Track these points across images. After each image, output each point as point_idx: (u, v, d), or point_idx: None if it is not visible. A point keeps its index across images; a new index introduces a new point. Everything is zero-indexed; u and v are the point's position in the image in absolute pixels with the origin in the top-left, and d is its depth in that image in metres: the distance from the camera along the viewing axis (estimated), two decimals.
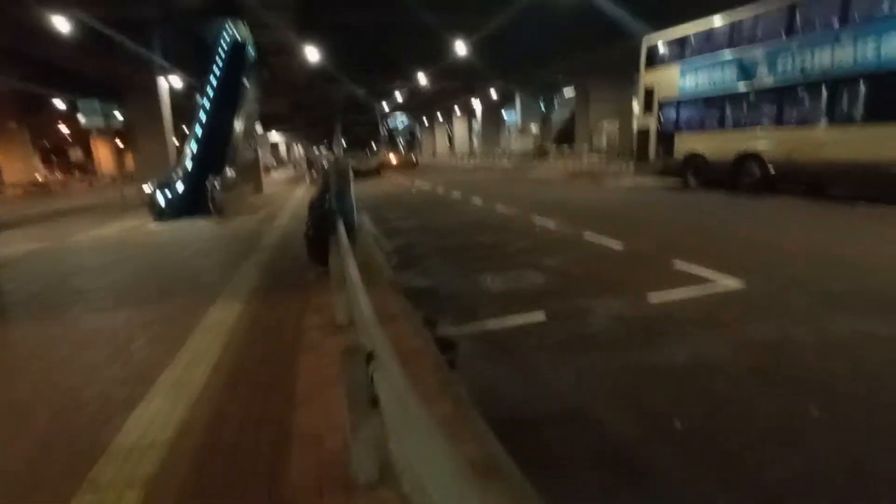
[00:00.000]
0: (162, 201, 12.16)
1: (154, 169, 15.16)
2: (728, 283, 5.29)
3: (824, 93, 11.16)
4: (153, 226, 11.46)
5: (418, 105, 48.97)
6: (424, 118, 60.64)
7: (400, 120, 42.79)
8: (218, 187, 12.05)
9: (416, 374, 3.35)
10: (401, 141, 40.77)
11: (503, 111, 49.18)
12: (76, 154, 46.72)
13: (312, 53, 21.08)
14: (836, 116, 10.89)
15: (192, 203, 12.78)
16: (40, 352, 4.28)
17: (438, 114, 59.28)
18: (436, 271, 6.72)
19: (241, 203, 14.30)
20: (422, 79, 30.92)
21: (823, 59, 10.85)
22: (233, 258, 7.49)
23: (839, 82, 10.70)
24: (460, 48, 21.63)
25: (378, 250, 7.73)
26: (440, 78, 31.20)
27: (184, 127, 16.69)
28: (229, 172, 13.94)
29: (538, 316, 4.68)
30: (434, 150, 61.19)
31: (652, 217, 10.58)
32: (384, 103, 43.78)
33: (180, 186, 13.30)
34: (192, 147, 15.32)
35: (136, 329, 4.68)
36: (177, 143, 18.50)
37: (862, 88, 10.44)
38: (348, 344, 2.32)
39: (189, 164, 14.61)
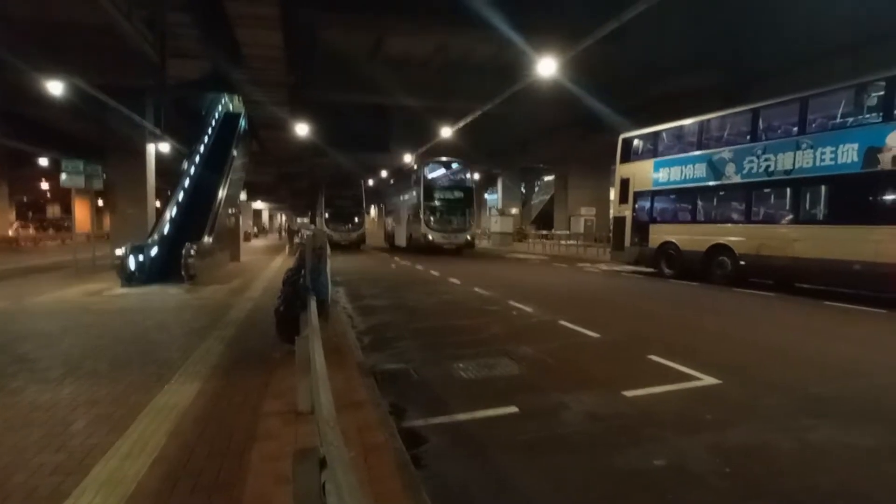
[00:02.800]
0: (132, 265, 11.83)
1: (131, 231, 14.92)
2: (704, 380, 5.20)
3: (788, 193, 11.75)
4: (120, 291, 11.06)
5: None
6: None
7: (448, 172, 27.29)
8: (193, 254, 11.83)
9: (377, 475, 3.13)
10: (441, 207, 25.19)
11: (485, 193, 50.56)
12: (54, 211, 46.20)
13: (302, 129, 21.67)
14: (800, 216, 11.41)
15: (165, 269, 12.48)
16: None
17: None
18: (408, 354, 6.50)
19: (215, 271, 14.03)
20: (407, 158, 31.86)
21: (786, 161, 11.48)
22: (197, 331, 7.19)
23: (801, 184, 11.30)
24: (445, 132, 22.48)
25: (350, 329, 7.51)
26: (426, 157, 32.24)
27: (169, 192, 16.64)
28: (207, 239, 13.78)
29: (511, 409, 4.48)
30: None
31: (627, 306, 10.62)
32: (378, 177, 42.06)
33: (154, 251, 13.04)
34: (171, 212, 15.22)
35: (79, 407, 4.33)
36: (158, 206, 18.38)
37: (822, 191, 11.03)
38: (299, 449, 2.12)
39: (167, 229, 14.44)
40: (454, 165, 27.24)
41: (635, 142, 16.19)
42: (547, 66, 12.81)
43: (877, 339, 7.46)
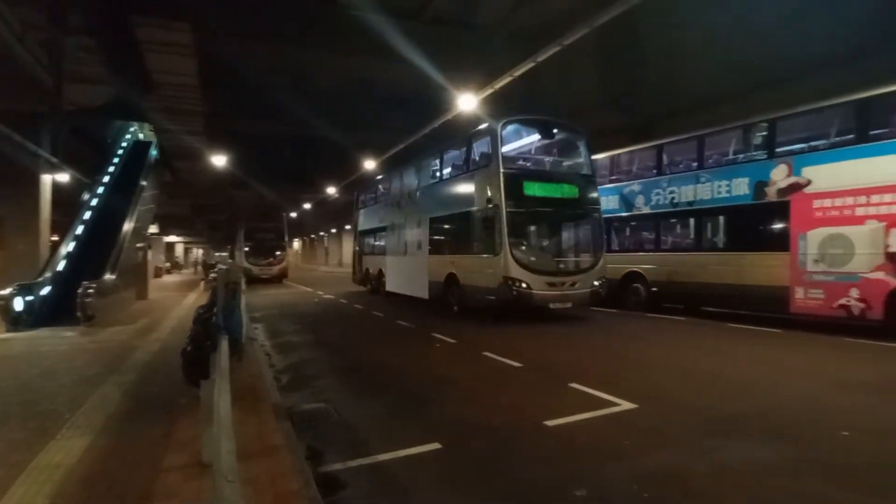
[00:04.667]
0: (19, 306, 10.66)
1: (22, 269, 13.48)
2: (623, 405, 5.34)
3: (692, 223, 12.63)
4: (3, 336, 9.91)
5: (325, 214, 49.17)
6: (333, 229, 60.61)
7: (547, 143, 13.77)
8: (91, 292, 10.84)
9: None
10: (541, 219, 12.68)
11: None
12: None
13: (219, 160, 20.84)
14: (704, 244, 12.28)
15: (59, 310, 11.33)
16: None
17: (348, 225, 59.73)
18: (329, 393, 6.23)
19: (118, 311, 12.94)
20: (331, 190, 31.49)
21: (688, 193, 12.37)
22: (92, 378, 6.51)
23: (702, 214, 12.19)
24: (370, 164, 22.49)
25: (267, 368, 7.11)
26: (350, 190, 31.98)
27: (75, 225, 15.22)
28: (109, 276, 12.73)
29: (434, 446, 4.36)
30: (340, 259, 60.67)
31: (548, 334, 10.84)
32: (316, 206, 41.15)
33: (46, 290, 11.86)
34: (68, 247, 13.98)
35: None
36: (56, 240, 16.79)
37: (721, 221, 11.95)
38: None
39: (62, 266, 13.21)
40: (556, 130, 13.23)
41: None
42: (468, 102, 13.21)
43: (774, 357, 8.02)
